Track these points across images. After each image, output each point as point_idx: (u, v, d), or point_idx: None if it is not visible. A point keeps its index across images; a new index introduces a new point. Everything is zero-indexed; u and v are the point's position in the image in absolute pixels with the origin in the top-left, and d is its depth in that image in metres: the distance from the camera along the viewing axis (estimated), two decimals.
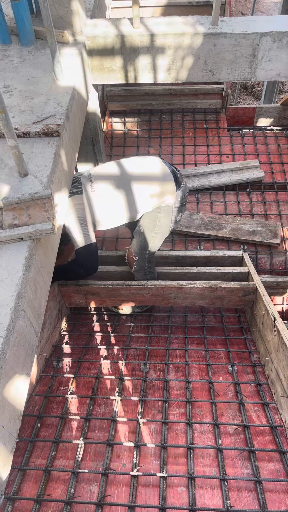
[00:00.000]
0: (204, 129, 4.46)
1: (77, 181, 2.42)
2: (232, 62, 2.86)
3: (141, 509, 1.55)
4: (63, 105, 2.30)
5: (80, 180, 2.42)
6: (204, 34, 2.72)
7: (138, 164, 2.51)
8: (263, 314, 2.36)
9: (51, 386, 2.19)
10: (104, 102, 4.48)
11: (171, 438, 1.84)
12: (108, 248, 3.60)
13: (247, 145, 4.30)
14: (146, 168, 2.51)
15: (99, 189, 2.41)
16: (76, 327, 2.78)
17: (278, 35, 2.72)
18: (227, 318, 2.85)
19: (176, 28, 2.76)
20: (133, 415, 1.98)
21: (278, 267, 3.45)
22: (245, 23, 2.80)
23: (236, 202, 3.80)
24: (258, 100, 8.13)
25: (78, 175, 2.47)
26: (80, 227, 2.37)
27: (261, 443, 1.80)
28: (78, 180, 2.42)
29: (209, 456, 1.74)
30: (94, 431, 1.90)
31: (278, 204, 3.77)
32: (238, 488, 1.60)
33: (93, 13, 3.08)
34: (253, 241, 3.46)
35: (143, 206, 2.49)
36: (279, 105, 4.63)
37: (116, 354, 2.46)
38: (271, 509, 1.51)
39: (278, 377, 2.00)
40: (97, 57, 2.88)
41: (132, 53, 2.84)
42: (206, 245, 3.54)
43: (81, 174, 2.48)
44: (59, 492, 1.63)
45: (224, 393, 2.10)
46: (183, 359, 2.38)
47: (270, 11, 10.33)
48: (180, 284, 2.62)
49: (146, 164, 2.53)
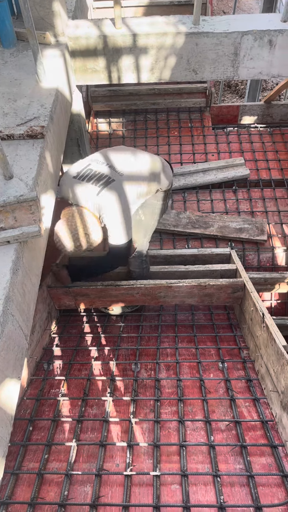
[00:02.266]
0: (189, 128, 4.47)
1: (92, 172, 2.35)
2: (215, 61, 2.87)
3: (135, 508, 1.55)
4: (47, 107, 2.29)
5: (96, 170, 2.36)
6: (186, 34, 2.74)
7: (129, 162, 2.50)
8: (252, 310, 2.38)
9: (42, 389, 2.18)
10: (89, 103, 4.47)
11: (164, 437, 1.85)
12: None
13: (232, 143, 4.33)
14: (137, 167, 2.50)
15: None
16: (66, 329, 2.78)
17: (259, 34, 2.74)
18: (216, 315, 2.87)
19: (158, 28, 2.76)
20: (125, 415, 1.98)
21: (265, 264, 3.48)
22: (226, 22, 2.82)
23: (222, 200, 3.82)
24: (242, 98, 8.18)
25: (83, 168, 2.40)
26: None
27: (252, 438, 1.82)
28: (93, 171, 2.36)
29: (202, 453, 1.75)
30: (86, 433, 1.90)
31: (264, 201, 3.80)
32: (231, 483, 1.61)
33: (75, 14, 3.07)
34: (240, 238, 3.48)
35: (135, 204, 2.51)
36: (262, 103, 4.67)
37: (107, 355, 2.46)
38: (264, 503, 1.52)
39: (268, 372, 2.02)
40: (80, 58, 2.87)
41: (115, 54, 2.84)
42: (194, 244, 3.55)
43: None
44: (53, 494, 1.63)
45: (215, 390, 2.11)
46: (174, 358, 2.39)
47: (252, 10, 10.40)
48: (169, 283, 2.63)
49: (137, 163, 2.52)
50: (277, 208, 3.74)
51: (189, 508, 1.52)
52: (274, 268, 3.47)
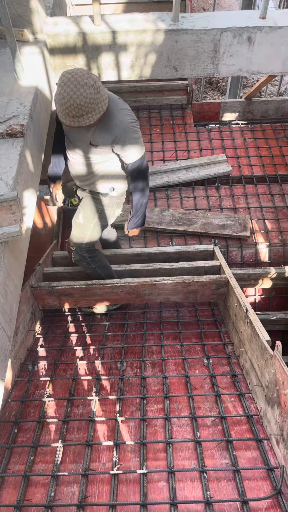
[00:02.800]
0: (171, 125, 4.48)
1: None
2: (195, 58, 2.88)
3: (122, 507, 1.55)
4: (26, 105, 2.27)
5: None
6: (166, 31, 2.73)
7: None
8: (236, 306, 2.40)
9: (27, 390, 2.16)
10: None
11: (150, 434, 1.85)
12: None
13: (214, 140, 4.35)
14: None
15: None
16: (51, 329, 2.76)
17: (238, 31, 2.75)
18: (201, 311, 2.88)
19: (138, 25, 2.76)
20: (111, 414, 1.98)
21: (248, 259, 3.51)
22: (205, 19, 2.83)
23: (205, 197, 3.84)
24: (223, 95, 8.22)
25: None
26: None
27: (238, 433, 1.83)
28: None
29: (188, 449, 1.76)
30: (72, 433, 1.89)
31: (246, 197, 3.83)
32: (217, 478, 1.62)
33: (53, 10, 3.04)
34: (224, 235, 3.51)
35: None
36: (243, 100, 4.70)
37: (92, 354, 2.45)
38: (250, 497, 1.53)
39: (253, 367, 2.04)
40: (59, 55, 2.84)
41: (94, 51, 2.82)
42: (178, 241, 3.56)
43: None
44: (39, 496, 1.61)
45: (200, 386, 2.12)
46: (159, 355, 2.39)
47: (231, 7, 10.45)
48: (153, 280, 2.63)
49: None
50: (259, 204, 3.77)
51: (176, 505, 1.52)
52: (257, 264, 3.50)
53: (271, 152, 4.20)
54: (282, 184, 3.93)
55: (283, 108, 4.66)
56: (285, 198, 3.82)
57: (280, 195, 3.85)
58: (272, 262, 3.51)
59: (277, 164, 4.08)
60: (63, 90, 1.99)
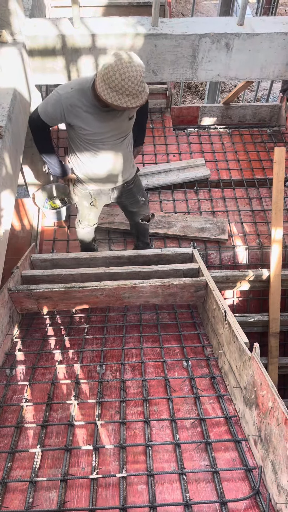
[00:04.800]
0: (150, 128, 4.50)
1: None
2: (174, 63, 2.91)
3: (101, 511, 1.54)
4: (5, 107, 2.24)
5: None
6: (145, 35, 2.75)
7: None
8: (214, 308, 2.42)
9: (5, 395, 2.13)
10: None
11: (130, 438, 1.85)
12: (59, 250, 3.55)
13: (193, 144, 4.39)
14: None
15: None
16: (29, 333, 2.72)
17: (217, 37, 2.79)
18: (180, 314, 2.90)
19: (118, 29, 2.76)
20: (91, 417, 1.97)
21: (226, 262, 3.55)
22: (184, 24, 2.86)
23: (184, 200, 3.87)
24: (202, 100, 8.32)
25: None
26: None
27: (217, 434, 1.85)
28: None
29: (168, 452, 1.77)
30: (51, 438, 1.87)
31: (225, 200, 3.88)
32: (196, 480, 1.63)
33: (32, 12, 3.02)
34: (202, 238, 3.54)
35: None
36: (221, 105, 4.76)
37: (71, 358, 2.44)
38: (228, 498, 1.55)
39: (231, 369, 2.06)
40: (38, 57, 2.83)
41: (74, 54, 2.81)
42: (157, 244, 3.58)
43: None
44: (17, 502, 1.59)
45: (180, 389, 2.13)
46: (139, 358, 2.39)
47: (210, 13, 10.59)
48: (133, 283, 2.63)
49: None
50: (237, 208, 3.83)
51: (156, 508, 1.52)
52: (235, 267, 3.55)
53: (249, 156, 4.27)
54: (259, 188, 4.00)
55: (260, 114, 4.75)
56: (262, 202, 3.88)
57: (258, 199, 3.91)
58: (250, 264, 3.56)
59: (254, 168, 4.15)
60: (126, 70, 2.01)
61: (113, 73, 2.02)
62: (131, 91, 2.05)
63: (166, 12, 4.29)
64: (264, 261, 3.56)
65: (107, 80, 2.06)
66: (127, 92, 2.05)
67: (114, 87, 2.06)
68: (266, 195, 3.94)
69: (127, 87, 2.04)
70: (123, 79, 2.02)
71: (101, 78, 2.10)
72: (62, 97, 2.30)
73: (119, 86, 2.04)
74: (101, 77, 2.10)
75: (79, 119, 2.35)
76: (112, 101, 2.10)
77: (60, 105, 2.31)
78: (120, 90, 2.05)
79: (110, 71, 2.03)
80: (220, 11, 6.05)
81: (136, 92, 2.06)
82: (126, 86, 2.03)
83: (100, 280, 2.76)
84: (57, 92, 2.34)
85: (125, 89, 2.04)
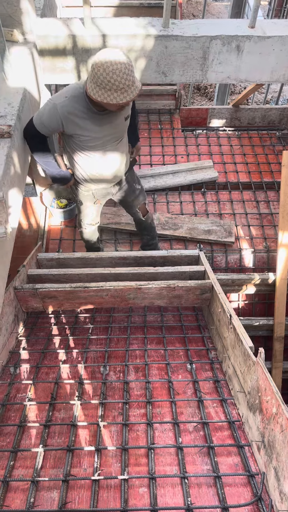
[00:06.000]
0: (158, 129, 4.50)
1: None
2: (184, 64, 2.90)
3: None
4: (14, 106, 2.25)
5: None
6: (156, 36, 2.74)
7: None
8: (220, 312, 2.41)
9: (9, 393, 2.14)
10: None
11: (132, 440, 1.84)
12: (65, 250, 3.56)
13: (201, 145, 4.38)
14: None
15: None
16: (34, 332, 2.73)
17: (228, 39, 2.78)
18: (185, 316, 2.89)
19: (128, 30, 2.76)
20: (94, 418, 1.97)
21: (233, 265, 3.54)
22: (195, 26, 2.85)
23: (191, 202, 3.86)
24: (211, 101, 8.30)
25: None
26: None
27: (219, 439, 1.84)
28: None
29: (170, 455, 1.76)
30: (54, 438, 1.87)
31: (232, 203, 3.86)
32: (198, 484, 1.63)
33: (43, 11, 3.03)
34: (209, 240, 3.53)
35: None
36: (231, 107, 4.75)
37: (75, 358, 2.44)
38: (230, 503, 1.54)
39: (235, 373, 2.05)
40: (48, 57, 2.83)
41: (84, 54, 2.81)
42: (163, 245, 3.57)
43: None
44: (19, 502, 1.59)
45: (183, 391, 2.13)
46: (143, 359, 2.39)
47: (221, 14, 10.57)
48: (138, 284, 2.63)
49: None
50: (244, 211, 3.81)
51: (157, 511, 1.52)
52: (241, 270, 3.53)
53: (257, 159, 4.25)
54: (267, 191, 3.98)
55: (269, 116, 4.72)
56: (269, 205, 3.86)
57: (265, 202, 3.89)
58: (256, 268, 3.54)
59: (262, 171, 4.13)
60: (109, 64, 2.00)
61: (97, 69, 2.02)
62: (118, 85, 2.03)
63: (177, 14, 4.28)
64: (271, 264, 3.54)
65: (94, 78, 2.06)
66: (114, 87, 2.03)
67: (100, 83, 2.04)
68: (274, 199, 3.92)
69: (113, 82, 2.02)
70: (108, 73, 2.00)
71: (90, 78, 2.11)
72: (58, 106, 2.26)
73: (105, 82, 2.02)
74: (89, 78, 2.11)
75: (77, 127, 2.33)
76: (101, 99, 2.09)
77: (57, 115, 2.28)
78: (107, 86, 2.04)
79: (95, 68, 2.03)
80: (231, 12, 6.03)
81: (123, 86, 2.04)
82: (112, 80, 2.01)
83: (105, 280, 2.76)
84: (52, 102, 2.30)
85: (111, 84, 2.02)
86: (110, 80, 2.02)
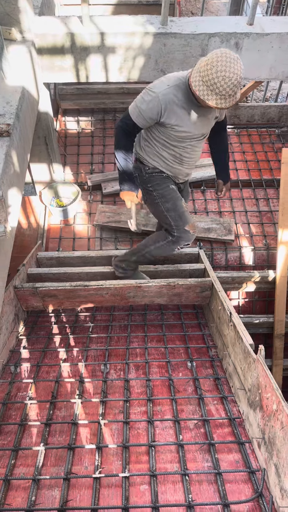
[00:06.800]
0: None
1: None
2: (183, 62, 2.89)
3: (104, 510, 1.54)
4: (13, 104, 2.24)
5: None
6: (154, 34, 2.74)
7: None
8: (220, 309, 2.41)
9: (9, 392, 2.14)
10: (57, 100, 4.41)
11: (133, 437, 1.85)
12: (65, 248, 3.56)
13: None
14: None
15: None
16: (34, 331, 2.73)
17: (226, 36, 2.78)
18: (185, 314, 2.90)
19: (127, 28, 2.76)
20: (94, 417, 1.97)
21: (233, 263, 3.54)
22: (194, 23, 2.84)
23: (191, 200, 3.85)
24: None
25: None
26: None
27: (220, 436, 1.84)
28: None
29: (171, 452, 1.76)
30: (54, 436, 1.88)
31: (232, 201, 3.86)
32: (199, 481, 1.63)
33: (42, 10, 3.02)
34: (209, 238, 3.53)
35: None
36: None
37: (75, 356, 2.44)
38: (231, 500, 1.54)
39: (236, 370, 2.05)
40: (47, 55, 2.83)
41: (82, 52, 2.81)
42: None
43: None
44: (20, 500, 1.60)
45: (184, 389, 2.13)
46: (143, 357, 2.39)
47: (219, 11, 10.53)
48: (138, 283, 2.63)
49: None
50: (244, 208, 3.81)
51: (158, 508, 1.52)
52: (241, 267, 3.53)
53: (257, 156, 4.24)
54: (267, 189, 3.97)
55: (268, 114, 4.71)
56: (269, 203, 3.86)
57: (265, 200, 3.89)
58: (256, 265, 3.54)
59: (262, 168, 4.13)
60: (223, 69, 1.96)
61: (210, 67, 1.99)
62: (221, 91, 2.02)
63: (176, 11, 4.27)
64: (271, 262, 3.54)
65: (203, 72, 2.03)
66: (217, 90, 2.02)
67: (206, 81, 2.02)
68: (274, 196, 3.92)
69: (219, 86, 2.00)
70: (218, 77, 1.98)
71: (198, 69, 2.07)
72: (160, 94, 2.21)
73: (211, 82, 2.00)
74: (198, 69, 2.07)
75: (175, 117, 2.27)
76: (200, 94, 2.08)
77: (158, 104, 2.22)
78: (211, 86, 2.02)
79: (208, 64, 2.00)
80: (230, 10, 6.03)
81: (226, 94, 2.03)
82: (219, 84, 2.00)
83: (105, 279, 2.76)
84: (151, 91, 2.25)
85: (216, 87, 2.01)
86: (217, 83, 2.00)
